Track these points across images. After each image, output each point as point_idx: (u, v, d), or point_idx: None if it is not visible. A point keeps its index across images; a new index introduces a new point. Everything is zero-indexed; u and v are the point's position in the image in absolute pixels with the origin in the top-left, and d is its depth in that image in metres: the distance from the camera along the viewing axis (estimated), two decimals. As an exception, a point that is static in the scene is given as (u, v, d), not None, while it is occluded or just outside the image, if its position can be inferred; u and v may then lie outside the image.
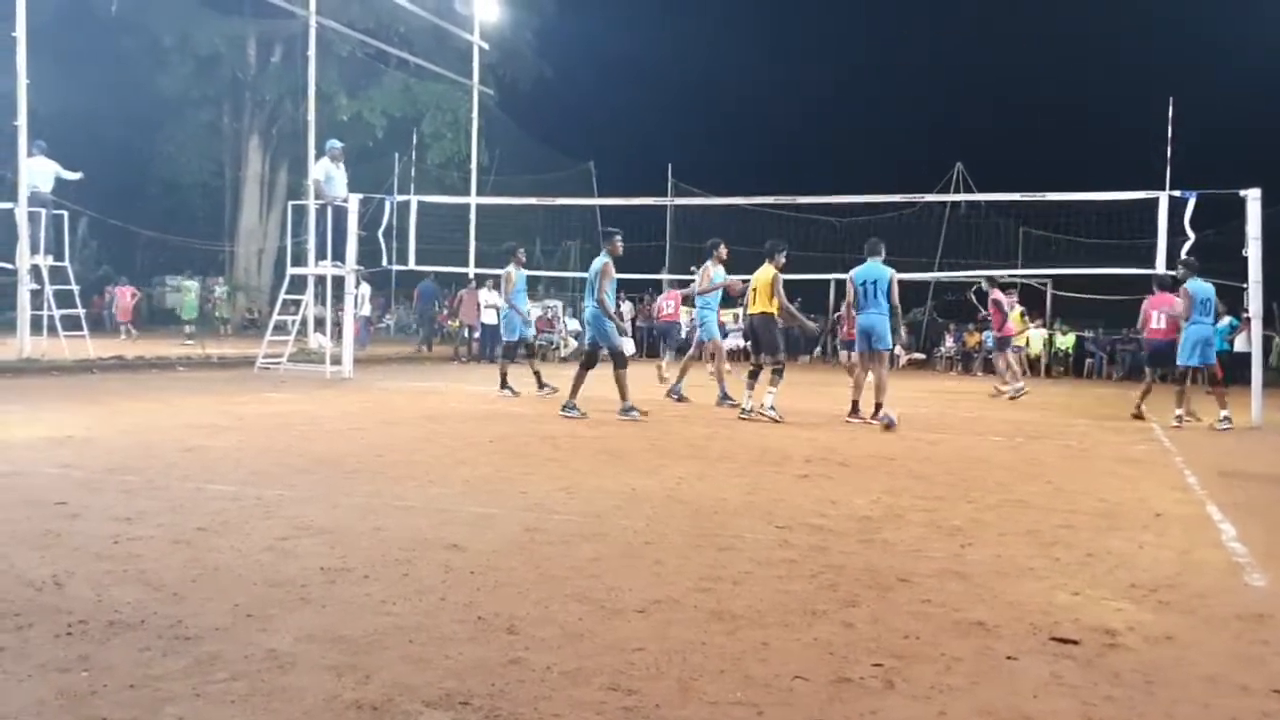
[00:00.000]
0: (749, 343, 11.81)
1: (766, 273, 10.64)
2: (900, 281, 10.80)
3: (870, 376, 10.68)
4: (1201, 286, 11.36)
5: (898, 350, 11.19)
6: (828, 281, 25.36)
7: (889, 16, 44.61)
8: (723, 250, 12.21)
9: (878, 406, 10.54)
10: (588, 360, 10.70)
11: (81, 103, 26.27)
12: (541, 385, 12.74)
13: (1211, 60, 32.17)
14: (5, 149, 16.19)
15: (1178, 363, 11.54)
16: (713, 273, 12.30)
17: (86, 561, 4.01)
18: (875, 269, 10.68)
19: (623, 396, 10.28)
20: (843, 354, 15.96)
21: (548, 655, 3.07)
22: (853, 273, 10.85)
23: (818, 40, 44.60)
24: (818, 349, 25.52)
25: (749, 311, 11.00)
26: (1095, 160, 30.77)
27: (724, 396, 12.06)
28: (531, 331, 13.50)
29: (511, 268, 12.98)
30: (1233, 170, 12.71)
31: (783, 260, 10.78)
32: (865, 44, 44.06)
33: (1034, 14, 40.22)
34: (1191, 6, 33.63)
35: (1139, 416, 11.94)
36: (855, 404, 10.81)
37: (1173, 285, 12.12)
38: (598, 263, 10.48)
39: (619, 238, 10.82)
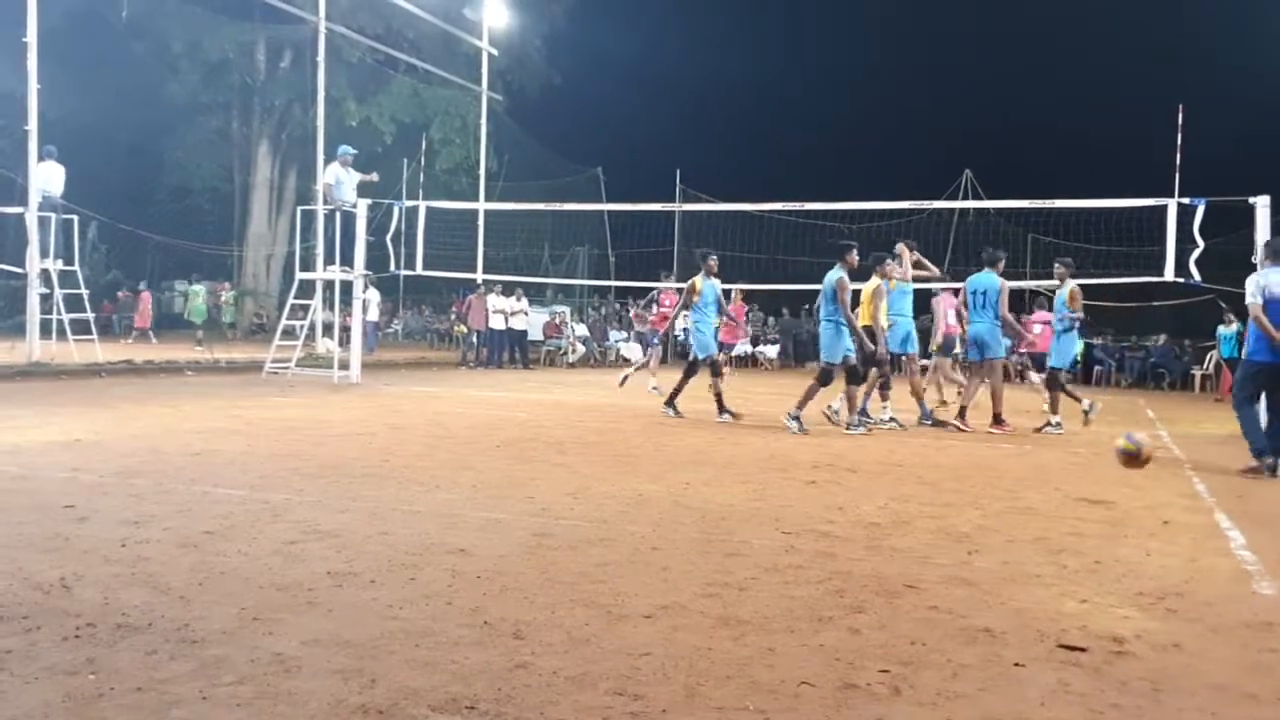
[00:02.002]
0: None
1: (871, 284, 10.52)
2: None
3: (983, 385, 10.81)
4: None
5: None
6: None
7: (898, 23, 44.64)
8: (906, 251, 11.37)
9: (996, 416, 10.62)
10: (823, 376, 10.29)
11: (92, 108, 26.39)
12: (722, 411, 11.00)
13: (1221, 67, 32.13)
14: (16, 153, 16.28)
15: (1058, 365, 11.18)
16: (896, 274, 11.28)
17: (94, 564, 4.02)
18: (986, 278, 10.72)
19: (850, 410, 10.16)
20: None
21: (554, 660, 3.07)
22: (966, 281, 10.88)
23: (826, 47, 44.62)
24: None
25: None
26: (1104, 167, 30.70)
27: (926, 415, 11.33)
28: (715, 350, 11.66)
29: (700, 277, 11.30)
30: (1242, 178, 12.66)
31: (889, 270, 10.62)
32: (874, 50, 44.05)
33: (1043, 21, 40.20)
34: (1201, 14, 33.58)
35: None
36: (963, 409, 10.86)
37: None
38: (833, 276, 10.14)
39: (855, 250, 10.31)
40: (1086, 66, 39.19)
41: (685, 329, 31.55)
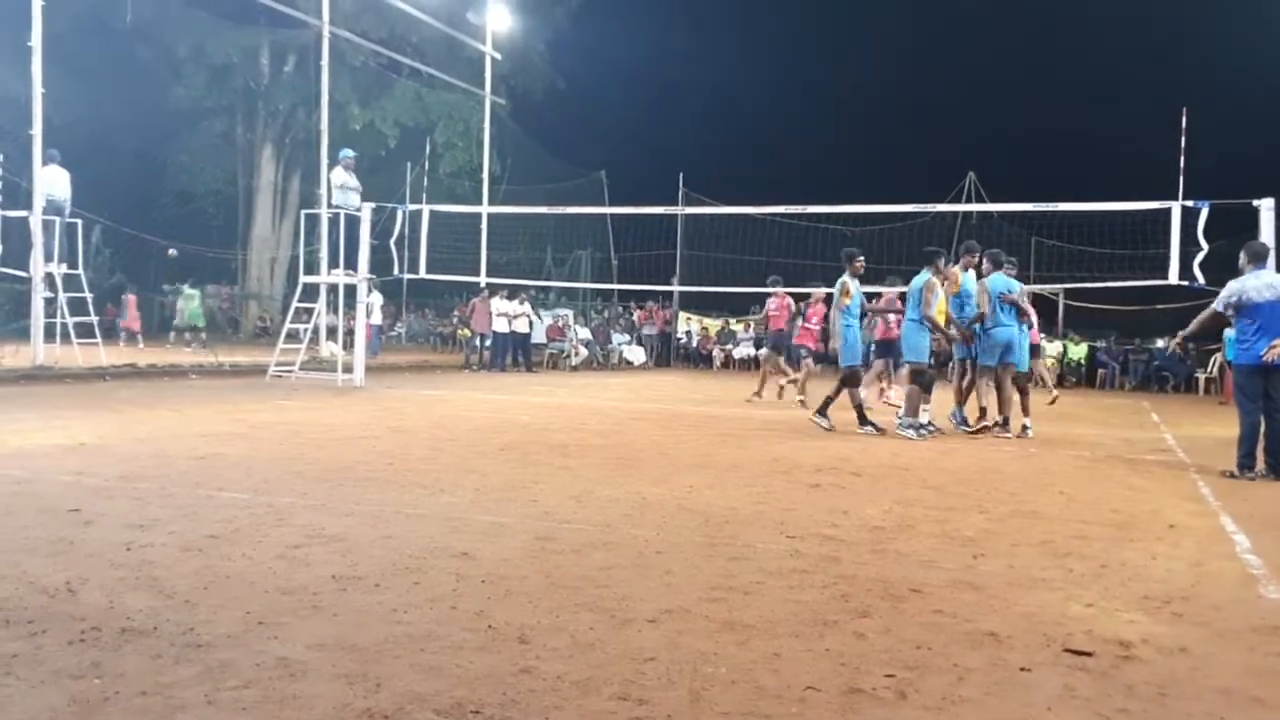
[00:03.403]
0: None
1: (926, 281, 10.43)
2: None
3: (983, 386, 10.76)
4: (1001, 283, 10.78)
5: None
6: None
7: (901, 26, 44.68)
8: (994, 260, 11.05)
9: (1005, 420, 10.60)
10: (915, 378, 10.28)
11: (96, 112, 26.46)
12: (824, 415, 10.54)
13: (1225, 69, 32.12)
14: (20, 158, 16.33)
15: (986, 363, 10.77)
16: (961, 278, 10.95)
17: (99, 568, 4.02)
18: (1006, 281, 10.69)
19: (909, 413, 10.17)
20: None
21: (558, 664, 3.07)
22: (985, 283, 10.77)
23: (828, 49, 44.64)
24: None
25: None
26: (1108, 170, 30.71)
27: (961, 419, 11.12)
28: (860, 359, 11.01)
29: (847, 277, 10.56)
30: (1246, 180, 12.66)
31: (948, 271, 10.57)
32: (877, 53, 44.10)
33: (1048, 24, 40.25)
34: (1205, 17, 33.57)
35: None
36: (985, 412, 10.80)
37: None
38: (920, 279, 10.17)
39: (942, 259, 10.30)
40: (1089, 68, 39.24)
41: (688, 330, 31.40)
